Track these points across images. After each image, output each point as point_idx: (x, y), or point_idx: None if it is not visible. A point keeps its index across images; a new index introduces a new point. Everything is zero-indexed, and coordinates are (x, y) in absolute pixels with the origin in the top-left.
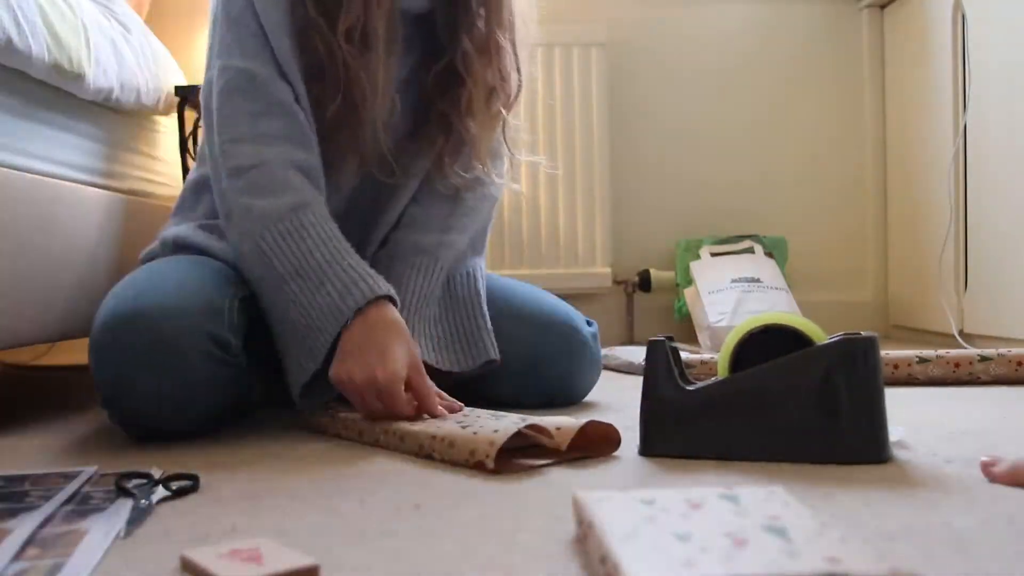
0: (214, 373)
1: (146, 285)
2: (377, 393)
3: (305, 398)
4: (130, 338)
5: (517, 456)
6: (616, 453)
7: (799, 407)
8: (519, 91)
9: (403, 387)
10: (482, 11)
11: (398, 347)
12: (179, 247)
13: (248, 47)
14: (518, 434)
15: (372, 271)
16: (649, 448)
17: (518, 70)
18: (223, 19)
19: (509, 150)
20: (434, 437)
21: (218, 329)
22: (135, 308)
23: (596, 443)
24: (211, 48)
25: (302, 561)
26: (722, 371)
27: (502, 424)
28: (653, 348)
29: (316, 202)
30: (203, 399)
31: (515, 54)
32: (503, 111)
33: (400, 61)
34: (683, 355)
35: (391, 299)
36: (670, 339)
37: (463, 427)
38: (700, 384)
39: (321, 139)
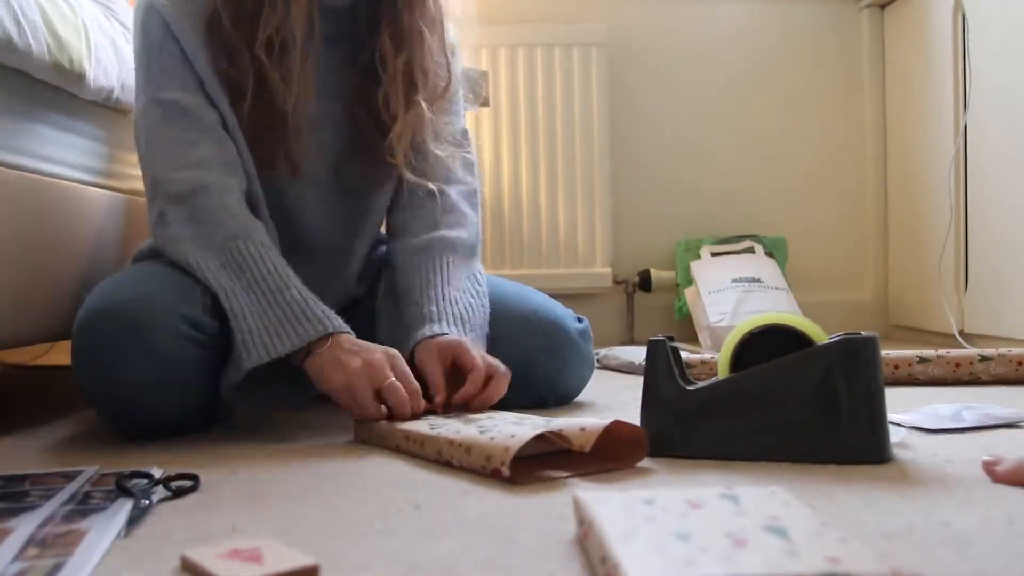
0: (191, 355)
1: (121, 281)
2: (368, 381)
3: (239, 391)
4: (106, 329)
5: (539, 465)
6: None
7: (799, 407)
8: (447, 87)
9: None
10: (404, 3)
11: (372, 347)
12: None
13: (174, 77)
14: (540, 438)
15: (315, 305)
16: (650, 448)
17: (449, 68)
18: (144, 50)
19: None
20: (452, 443)
21: (191, 310)
22: (109, 301)
23: (622, 447)
24: (137, 81)
25: (302, 561)
26: (722, 371)
27: (521, 429)
28: (654, 348)
29: (256, 230)
30: (183, 383)
31: (444, 51)
32: (424, 105)
33: (324, 59)
34: (683, 355)
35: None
36: (670, 339)
37: (482, 431)
38: (701, 384)
39: (252, 148)
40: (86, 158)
